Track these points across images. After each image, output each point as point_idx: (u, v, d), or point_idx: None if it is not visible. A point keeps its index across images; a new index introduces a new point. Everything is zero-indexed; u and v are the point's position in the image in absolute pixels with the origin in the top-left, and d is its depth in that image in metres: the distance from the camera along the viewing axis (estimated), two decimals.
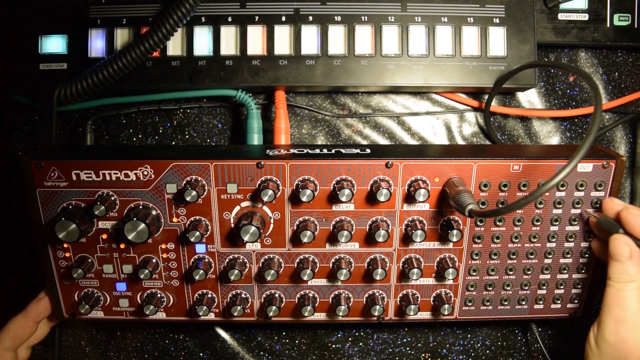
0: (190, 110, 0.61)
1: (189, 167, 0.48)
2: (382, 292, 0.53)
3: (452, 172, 0.48)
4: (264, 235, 0.51)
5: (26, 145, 0.61)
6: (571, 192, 0.50)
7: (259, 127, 0.56)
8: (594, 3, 0.56)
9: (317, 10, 0.53)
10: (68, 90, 0.50)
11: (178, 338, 0.65)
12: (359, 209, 0.50)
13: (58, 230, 0.46)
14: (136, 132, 0.61)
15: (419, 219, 0.50)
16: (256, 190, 0.49)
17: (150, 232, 0.47)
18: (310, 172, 0.48)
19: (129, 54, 0.49)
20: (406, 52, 0.54)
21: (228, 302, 0.53)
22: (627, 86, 0.62)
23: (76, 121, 0.61)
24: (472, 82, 0.54)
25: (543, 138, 0.63)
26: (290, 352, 0.66)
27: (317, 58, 0.53)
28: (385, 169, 0.48)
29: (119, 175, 0.48)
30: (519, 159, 0.48)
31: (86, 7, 0.53)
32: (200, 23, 0.53)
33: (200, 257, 0.51)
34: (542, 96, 0.62)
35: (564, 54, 0.61)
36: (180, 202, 0.49)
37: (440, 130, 0.62)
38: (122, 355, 0.66)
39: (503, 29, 0.54)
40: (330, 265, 0.52)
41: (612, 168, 0.49)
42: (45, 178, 0.48)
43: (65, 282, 0.52)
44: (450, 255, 0.52)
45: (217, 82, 0.54)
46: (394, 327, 0.65)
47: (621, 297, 0.44)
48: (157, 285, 0.53)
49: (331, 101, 0.61)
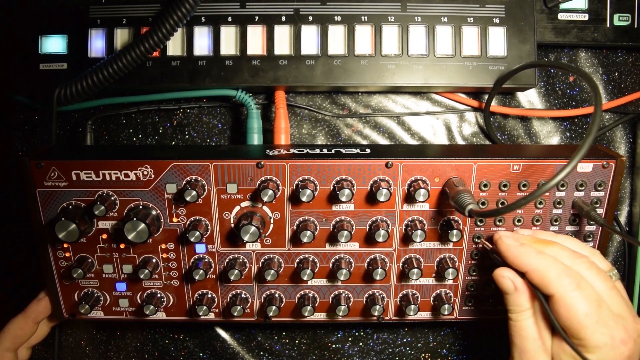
0: (190, 110, 0.61)
1: (189, 167, 0.48)
2: (382, 292, 0.53)
3: (452, 172, 0.48)
4: (264, 235, 0.51)
5: (26, 145, 0.61)
6: (571, 192, 0.50)
7: (259, 127, 0.56)
8: (594, 3, 0.56)
9: (317, 10, 0.53)
10: (68, 90, 0.50)
11: (178, 338, 0.65)
12: (359, 209, 0.50)
13: (58, 230, 0.46)
14: (136, 132, 0.61)
15: (419, 219, 0.50)
16: (256, 190, 0.49)
17: (150, 232, 0.47)
18: (310, 172, 0.48)
19: (129, 54, 0.49)
20: (406, 52, 0.54)
21: (228, 302, 0.53)
22: (627, 86, 0.62)
23: (76, 121, 0.61)
24: (472, 82, 0.54)
25: (543, 138, 0.63)
26: (290, 352, 0.66)
27: (317, 58, 0.53)
28: (385, 169, 0.48)
29: (119, 175, 0.48)
30: (519, 159, 0.48)
31: (86, 7, 0.53)
32: (200, 23, 0.53)
33: (200, 257, 0.51)
34: (542, 96, 0.62)
35: (564, 54, 0.61)
36: (180, 202, 0.49)
37: (440, 130, 0.62)
38: (122, 355, 0.66)
39: (503, 29, 0.54)
40: (330, 265, 0.52)
41: (612, 168, 0.49)
42: (45, 178, 0.48)
43: (65, 282, 0.52)
44: (450, 255, 0.52)
45: (217, 82, 0.54)
46: (394, 327, 0.65)
47: (519, 327, 0.45)
48: (157, 285, 0.53)
49: (331, 101, 0.61)
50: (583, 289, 0.41)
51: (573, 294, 0.40)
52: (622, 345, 0.40)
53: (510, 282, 0.45)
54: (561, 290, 0.41)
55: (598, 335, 0.40)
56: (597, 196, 0.50)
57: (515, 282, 0.44)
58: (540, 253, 0.43)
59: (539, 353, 0.43)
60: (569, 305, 0.40)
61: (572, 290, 0.40)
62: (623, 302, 0.43)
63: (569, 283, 0.41)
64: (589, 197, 0.50)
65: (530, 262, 0.43)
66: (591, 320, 0.40)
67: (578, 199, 0.50)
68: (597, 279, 0.42)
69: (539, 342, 0.44)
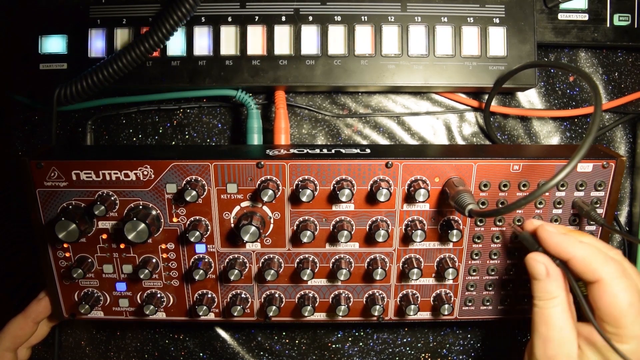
0: (190, 110, 0.61)
1: (189, 167, 0.48)
2: (382, 292, 0.53)
3: (452, 172, 0.48)
4: (264, 235, 0.51)
5: (26, 145, 0.61)
6: (571, 192, 0.50)
7: (259, 127, 0.56)
8: (594, 3, 0.56)
9: (317, 10, 0.53)
10: (68, 90, 0.50)
11: (178, 338, 0.65)
12: (359, 209, 0.50)
13: (58, 230, 0.46)
14: (136, 132, 0.61)
15: (419, 219, 0.50)
16: (256, 190, 0.49)
17: (150, 232, 0.47)
18: (310, 172, 0.48)
19: (129, 54, 0.49)
20: (406, 52, 0.54)
21: (228, 302, 0.53)
22: (627, 86, 0.62)
23: (76, 121, 0.61)
24: (472, 82, 0.54)
25: (543, 138, 0.63)
26: (290, 352, 0.66)
27: (317, 58, 0.53)
28: (385, 169, 0.48)
29: (119, 175, 0.48)
30: (519, 159, 0.48)
31: (86, 7, 0.53)
32: (200, 23, 0.53)
33: (200, 257, 0.51)
34: (542, 96, 0.62)
35: (564, 54, 0.61)
36: (180, 202, 0.49)
37: (440, 130, 0.62)
38: (122, 355, 0.66)
39: (503, 29, 0.54)
40: (330, 265, 0.52)
41: (612, 168, 0.49)
42: (45, 178, 0.48)
43: (65, 282, 0.52)
44: (450, 255, 0.52)
45: (217, 82, 0.54)
46: (394, 327, 0.65)
47: (545, 315, 0.44)
48: (157, 285, 0.53)
49: (331, 101, 0.61)
50: (628, 277, 0.41)
51: (619, 281, 0.40)
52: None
53: (543, 268, 0.44)
54: (608, 276, 0.41)
55: (637, 325, 0.40)
56: (597, 196, 0.50)
57: (549, 268, 0.44)
58: (582, 242, 0.43)
59: (565, 342, 0.43)
60: (615, 293, 0.40)
61: (617, 277, 0.41)
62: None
63: (615, 270, 0.41)
64: (589, 197, 0.50)
65: (575, 248, 0.43)
66: (633, 309, 0.40)
67: (578, 199, 0.50)
68: (632, 271, 0.43)
69: (565, 332, 0.43)
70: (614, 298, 0.40)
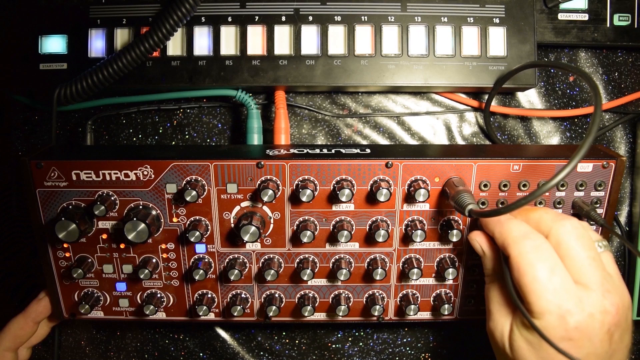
0: (190, 110, 0.61)
1: (189, 167, 0.48)
2: (382, 292, 0.53)
3: (452, 172, 0.48)
4: (264, 235, 0.51)
5: (26, 145, 0.61)
6: (571, 192, 0.50)
7: (259, 127, 0.56)
8: (594, 3, 0.56)
9: (317, 10, 0.53)
10: (68, 90, 0.50)
11: (178, 338, 0.65)
12: (359, 209, 0.50)
13: (58, 230, 0.46)
14: (136, 132, 0.61)
15: (419, 219, 0.50)
16: (256, 190, 0.49)
17: (150, 232, 0.47)
18: (310, 172, 0.48)
19: (129, 54, 0.49)
20: (406, 52, 0.54)
21: (228, 302, 0.53)
22: (627, 86, 0.62)
23: (76, 121, 0.61)
24: (472, 82, 0.54)
25: (543, 138, 0.63)
26: (290, 352, 0.66)
27: (317, 58, 0.53)
28: (385, 169, 0.48)
29: (119, 175, 0.48)
30: (519, 159, 0.48)
31: (86, 7, 0.53)
32: (200, 23, 0.53)
33: (200, 257, 0.51)
34: (542, 96, 0.62)
35: (564, 54, 0.61)
36: (180, 202, 0.49)
37: (440, 130, 0.62)
38: (122, 355, 0.66)
39: (503, 29, 0.54)
40: (330, 265, 0.52)
41: (612, 168, 0.49)
42: (45, 178, 0.48)
43: (65, 282, 0.52)
44: (450, 255, 0.52)
45: (217, 82, 0.54)
46: (394, 327, 0.65)
47: (486, 289, 0.47)
48: (157, 285, 0.53)
49: (331, 101, 0.61)
50: (541, 252, 0.40)
51: (528, 257, 0.40)
52: (569, 316, 0.38)
53: (478, 246, 0.46)
54: (516, 251, 0.40)
55: (543, 302, 0.39)
56: (597, 196, 0.50)
57: (482, 245, 0.46)
58: (511, 218, 0.43)
59: (500, 317, 0.44)
60: (520, 268, 0.40)
61: (527, 253, 0.40)
62: (599, 273, 0.40)
63: (526, 245, 0.40)
64: (589, 197, 0.50)
65: (495, 224, 0.43)
66: (538, 285, 0.39)
67: (578, 199, 0.50)
68: (577, 243, 0.41)
69: (501, 307, 0.44)
70: (519, 273, 0.40)
